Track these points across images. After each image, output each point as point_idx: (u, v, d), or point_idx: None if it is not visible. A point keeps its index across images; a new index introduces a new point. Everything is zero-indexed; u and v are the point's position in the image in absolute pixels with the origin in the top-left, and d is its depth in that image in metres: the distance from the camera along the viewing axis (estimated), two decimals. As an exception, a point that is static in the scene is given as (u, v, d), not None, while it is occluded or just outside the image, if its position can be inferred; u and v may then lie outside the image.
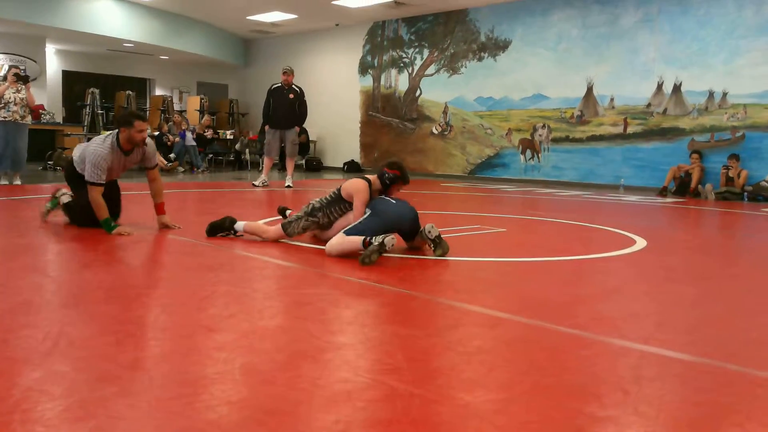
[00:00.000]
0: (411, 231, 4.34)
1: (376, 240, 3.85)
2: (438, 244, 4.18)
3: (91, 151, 4.80)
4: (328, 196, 4.57)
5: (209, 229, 4.76)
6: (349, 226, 4.21)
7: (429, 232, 4.19)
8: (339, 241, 4.09)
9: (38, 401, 1.77)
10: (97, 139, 4.96)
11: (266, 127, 10.08)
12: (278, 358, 2.21)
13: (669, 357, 2.33)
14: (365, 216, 4.27)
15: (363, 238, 3.96)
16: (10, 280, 3.26)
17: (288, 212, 5.16)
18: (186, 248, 4.42)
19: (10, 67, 9.27)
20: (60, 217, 5.34)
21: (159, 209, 5.10)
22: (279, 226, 4.64)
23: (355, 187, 4.46)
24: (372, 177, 4.57)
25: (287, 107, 9.90)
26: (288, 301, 3.07)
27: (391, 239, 3.87)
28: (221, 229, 4.74)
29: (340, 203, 4.51)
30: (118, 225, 4.89)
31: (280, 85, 9.98)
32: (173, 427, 1.66)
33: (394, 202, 4.36)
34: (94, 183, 4.75)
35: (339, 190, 4.55)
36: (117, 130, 4.86)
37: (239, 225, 4.73)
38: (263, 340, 2.41)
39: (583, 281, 3.79)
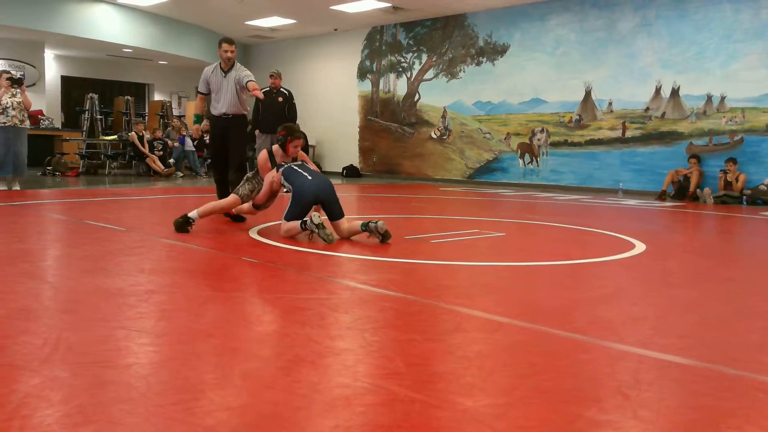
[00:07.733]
0: (330, 202, 4.92)
1: (309, 223, 4.67)
2: (383, 234, 4.74)
3: None
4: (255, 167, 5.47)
5: (177, 229, 5.10)
6: (285, 212, 4.95)
7: (379, 227, 4.75)
8: (282, 226, 4.96)
9: (37, 407, 1.77)
10: None
11: (256, 132, 10.00)
12: (277, 364, 2.21)
13: (668, 361, 2.33)
14: (291, 196, 5.00)
15: (299, 222, 4.78)
16: (9, 285, 3.26)
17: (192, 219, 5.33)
18: (184, 254, 4.42)
19: (2, 72, 9.22)
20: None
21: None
22: (233, 195, 5.32)
23: (260, 162, 5.34)
24: (274, 146, 5.40)
25: (276, 111, 9.75)
26: (287, 306, 3.07)
27: (316, 216, 4.66)
28: (183, 226, 5.09)
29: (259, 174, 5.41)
30: (200, 122, 7.11)
31: (268, 89, 9.84)
32: (172, 432, 1.66)
33: (309, 177, 4.97)
34: (197, 91, 7.09)
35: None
36: None
37: (192, 214, 5.13)
38: (262, 345, 2.41)
39: (582, 285, 3.79)
